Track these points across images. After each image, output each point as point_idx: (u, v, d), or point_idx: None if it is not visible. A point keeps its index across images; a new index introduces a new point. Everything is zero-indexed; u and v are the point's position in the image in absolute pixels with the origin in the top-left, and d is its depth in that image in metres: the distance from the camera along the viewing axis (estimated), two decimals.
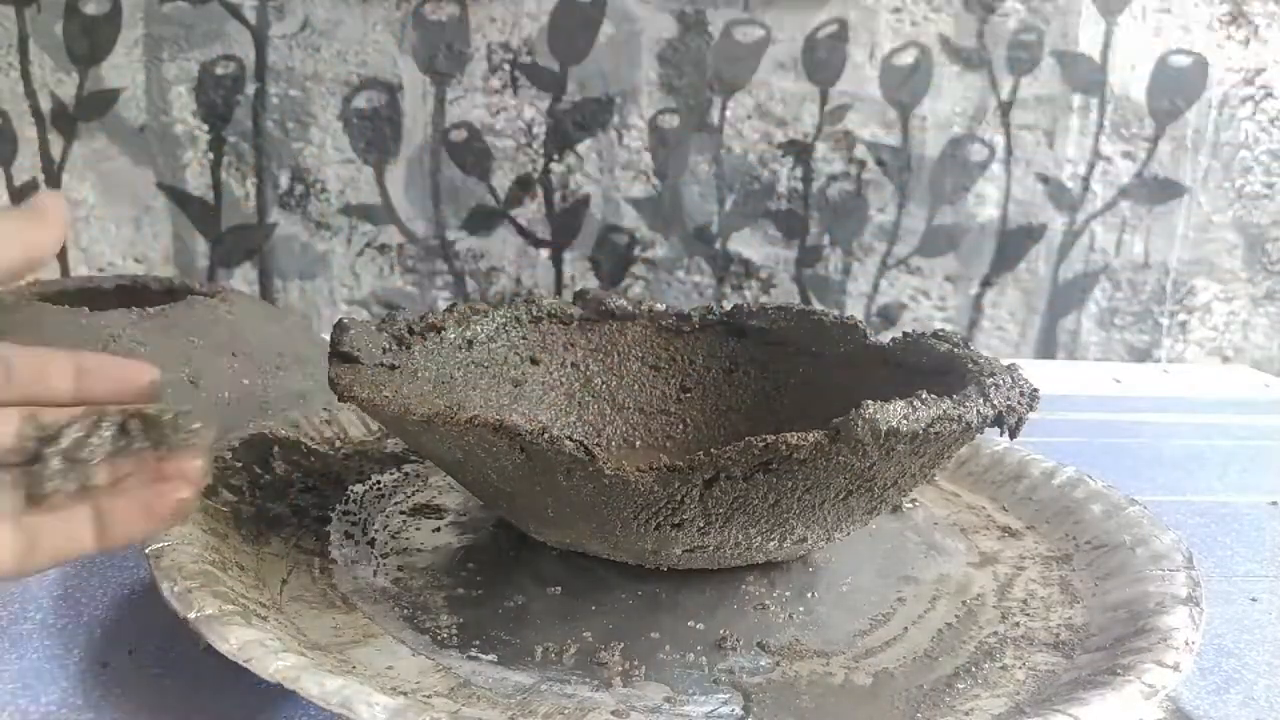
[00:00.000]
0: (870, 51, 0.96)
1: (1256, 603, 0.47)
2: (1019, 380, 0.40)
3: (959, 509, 0.53)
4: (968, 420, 0.36)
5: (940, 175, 0.99)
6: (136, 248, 0.97)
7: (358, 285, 0.99)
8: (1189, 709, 0.38)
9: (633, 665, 0.36)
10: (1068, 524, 0.49)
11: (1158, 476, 0.64)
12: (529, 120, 0.96)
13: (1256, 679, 0.40)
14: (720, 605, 0.40)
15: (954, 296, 1.02)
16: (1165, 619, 0.38)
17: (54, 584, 0.45)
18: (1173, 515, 0.56)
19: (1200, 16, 0.96)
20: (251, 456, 0.51)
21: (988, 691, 0.36)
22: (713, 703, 0.35)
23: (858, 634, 0.40)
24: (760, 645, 0.38)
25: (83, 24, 0.91)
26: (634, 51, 0.95)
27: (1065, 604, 0.42)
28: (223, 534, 0.44)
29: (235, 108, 0.94)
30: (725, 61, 0.95)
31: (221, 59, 0.93)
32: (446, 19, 0.93)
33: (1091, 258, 1.02)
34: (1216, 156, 0.99)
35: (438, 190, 0.97)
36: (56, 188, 0.94)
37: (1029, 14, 0.95)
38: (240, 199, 0.96)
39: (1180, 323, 1.04)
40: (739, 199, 0.98)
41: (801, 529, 0.38)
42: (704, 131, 0.97)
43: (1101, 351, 1.04)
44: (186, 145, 0.95)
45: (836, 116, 0.97)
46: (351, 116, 0.95)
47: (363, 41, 0.93)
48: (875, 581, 0.43)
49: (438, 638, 0.38)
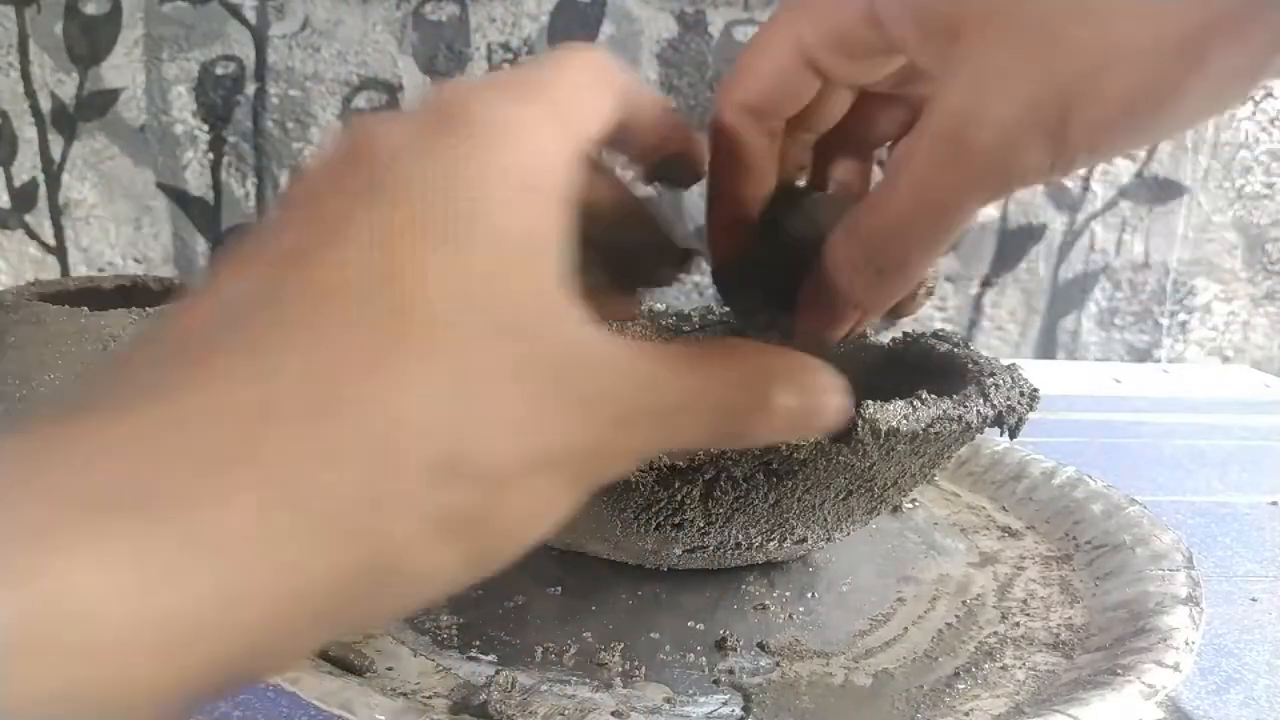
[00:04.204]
0: None
1: (1256, 603, 0.47)
2: (1019, 380, 0.40)
3: (959, 509, 0.53)
4: (968, 420, 0.36)
5: None
6: (136, 248, 0.97)
7: None
8: (1189, 709, 0.38)
9: (633, 665, 0.36)
10: (1068, 524, 0.49)
11: (1158, 476, 0.64)
12: None
13: (1256, 679, 0.40)
14: (720, 605, 0.40)
15: (954, 296, 1.02)
16: (1165, 619, 0.38)
17: None
18: (1173, 515, 0.56)
19: None
20: None
21: (988, 691, 0.36)
22: (713, 703, 0.35)
23: (858, 634, 0.40)
24: (760, 645, 0.38)
25: (83, 24, 0.91)
26: (634, 51, 0.95)
27: (1065, 604, 0.42)
28: None
29: (235, 108, 0.94)
30: (725, 61, 0.95)
31: (221, 59, 0.93)
32: (446, 19, 0.93)
33: (1091, 258, 1.02)
34: (1216, 156, 0.99)
35: None
36: (56, 188, 0.94)
37: None
38: (240, 199, 0.96)
39: (1180, 323, 1.04)
40: None
41: (801, 529, 0.38)
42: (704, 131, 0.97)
43: (1101, 351, 1.04)
44: (186, 145, 0.95)
45: None
46: (351, 117, 0.95)
47: (363, 41, 0.93)
48: (875, 581, 0.43)
49: (438, 638, 0.38)
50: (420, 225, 0.16)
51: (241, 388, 0.15)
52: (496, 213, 0.17)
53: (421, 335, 0.15)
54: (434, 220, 0.16)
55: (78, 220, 0.96)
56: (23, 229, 0.95)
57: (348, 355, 0.15)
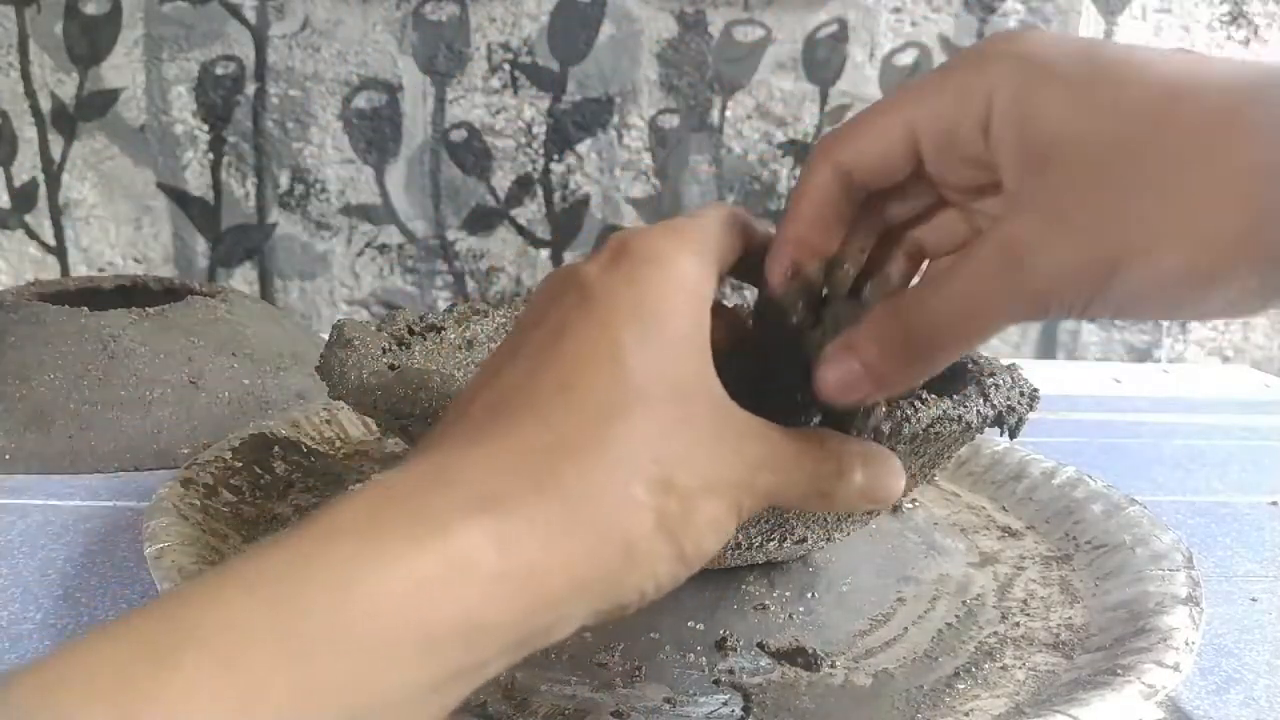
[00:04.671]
0: (870, 51, 0.96)
1: (1256, 603, 0.47)
2: (1019, 380, 0.40)
3: (959, 509, 0.53)
4: (968, 420, 0.36)
5: None
6: (136, 248, 0.97)
7: (358, 285, 0.99)
8: (1189, 709, 0.38)
9: (633, 665, 0.36)
10: (1068, 524, 0.49)
11: (1158, 476, 0.64)
12: (529, 120, 0.96)
13: (1256, 679, 0.40)
14: (720, 605, 0.40)
15: None
16: (1165, 619, 0.38)
17: (54, 584, 0.45)
18: (1173, 515, 0.56)
19: (1200, 16, 0.96)
20: (251, 456, 0.51)
21: (988, 691, 0.36)
22: (713, 703, 0.35)
23: (858, 634, 0.40)
24: (760, 645, 0.38)
25: (83, 24, 0.91)
26: (634, 51, 0.95)
27: (1065, 604, 0.42)
28: (223, 534, 0.44)
29: (235, 108, 0.94)
30: (725, 61, 0.95)
31: (221, 59, 0.93)
32: (446, 19, 0.93)
33: None
34: None
35: (438, 190, 0.97)
36: (56, 188, 0.94)
37: (1029, 14, 0.95)
38: (240, 199, 0.96)
39: (1180, 323, 1.04)
40: (739, 199, 0.98)
41: (801, 529, 0.38)
42: (704, 131, 0.97)
43: (1101, 351, 1.04)
44: (186, 145, 0.95)
45: (836, 116, 0.97)
46: (351, 116, 0.95)
47: (363, 41, 0.93)
48: (875, 581, 0.43)
49: None
50: (617, 326, 0.24)
51: (537, 435, 0.23)
52: (665, 316, 0.24)
53: (635, 399, 0.23)
54: (624, 322, 0.24)
55: (78, 220, 0.96)
56: (23, 229, 0.96)
57: (594, 413, 0.23)
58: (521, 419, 0.23)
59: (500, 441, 0.23)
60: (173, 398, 0.60)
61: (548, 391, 0.23)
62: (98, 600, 0.43)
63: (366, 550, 0.20)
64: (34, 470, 0.57)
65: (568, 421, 0.23)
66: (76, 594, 0.44)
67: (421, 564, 0.20)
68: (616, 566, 0.22)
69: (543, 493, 0.22)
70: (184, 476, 0.47)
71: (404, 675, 0.19)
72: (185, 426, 0.60)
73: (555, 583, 0.21)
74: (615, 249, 0.25)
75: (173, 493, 0.45)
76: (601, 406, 0.23)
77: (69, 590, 0.44)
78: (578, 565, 0.22)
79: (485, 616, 0.20)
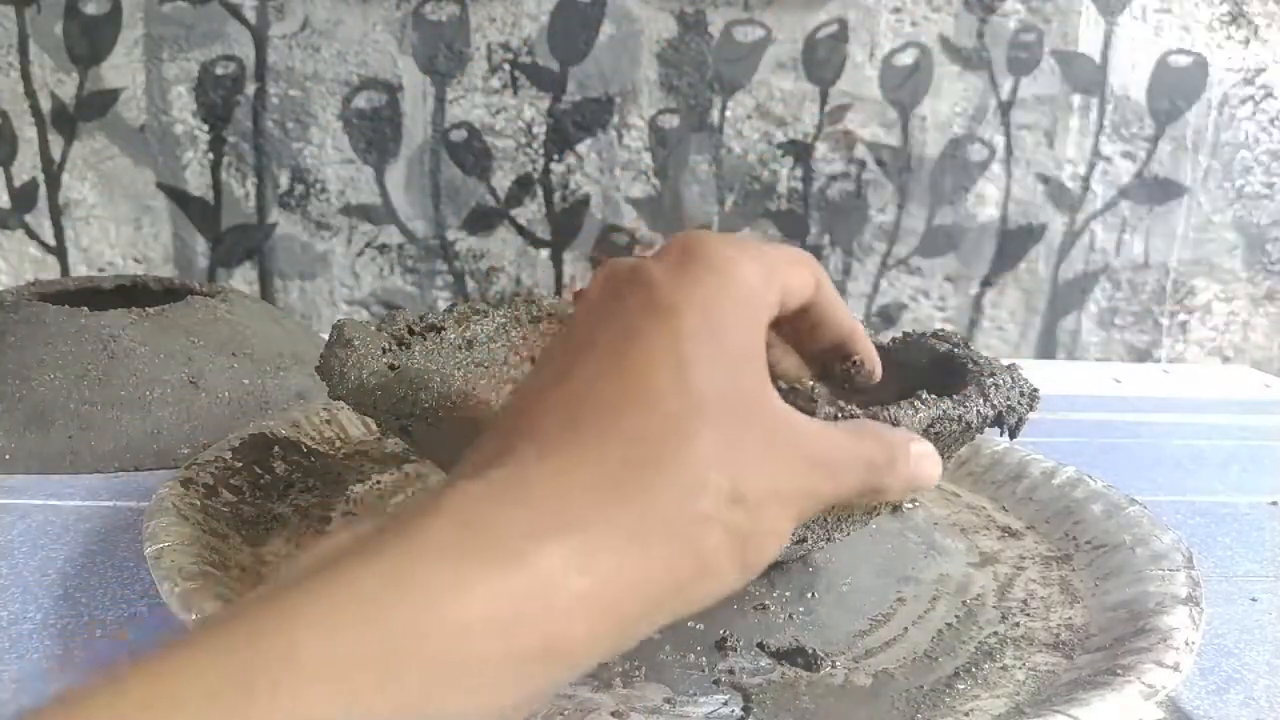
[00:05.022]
0: (870, 51, 0.96)
1: (1256, 603, 0.47)
2: (1019, 380, 0.40)
3: (959, 509, 0.53)
4: (968, 420, 0.36)
5: (940, 175, 0.99)
6: (136, 248, 0.97)
7: (358, 285, 0.99)
8: (1189, 709, 0.38)
9: (633, 665, 0.36)
10: (1068, 524, 0.49)
11: (1158, 476, 0.64)
12: (529, 120, 0.96)
13: (1256, 679, 0.40)
14: (720, 605, 0.39)
15: (954, 296, 1.02)
16: (1165, 619, 0.38)
17: (54, 584, 0.45)
18: (1173, 515, 0.56)
19: (1200, 16, 0.96)
20: (251, 456, 0.51)
21: (988, 692, 0.36)
22: (713, 703, 0.35)
23: (858, 634, 0.40)
24: (760, 645, 0.38)
25: (83, 24, 0.91)
26: (634, 51, 0.95)
27: (1065, 604, 0.42)
28: (223, 534, 0.44)
29: (235, 108, 0.94)
30: (725, 61, 0.95)
31: (221, 59, 0.93)
32: (446, 19, 0.93)
33: (1091, 258, 1.02)
34: (1216, 156, 0.99)
35: (438, 190, 0.97)
36: (56, 188, 0.94)
37: (1029, 14, 0.95)
38: (240, 199, 0.96)
39: (1180, 323, 1.04)
40: (739, 199, 0.98)
41: (801, 529, 0.38)
42: (704, 131, 0.97)
43: (1101, 351, 1.04)
44: (186, 145, 0.95)
45: (836, 116, 0.97)
46: (351, 116, 0.95)
47: (363, 41, 0.93)
48: (875, 581, 0.43)
49: None
50: (685, 337, 0.24)
51: (608, 450, 0.23)
52: (729, 329, 0.25)
53: (700, 414, 0.24)
54: (692, 333, 0.24)
55: (78, 220, 0.96)
56: (23, 229, 0.96)
57: (661, 428, 0.23)
58: (592, 432, 0.23)
59: (572, 455, 0.23)
60: (173, 398, 0.60)
61: (617, 402, 0.24)
62: (98, 600, 0.43)
63: (455, 573, 0.20)
64: (34, 470, 0.57)
65: (637, 437, 0.23)
66: (76, 594, 0.44)
67: (506, 587, 0.20)
68: (688, 581, 0.23)
69: (618, 511, 0.22)
70: (184, 476, 0.47)
71: (492, 697, 0.20)
72: (185, 426, 0.60)
73: (632, 601, 0.22)
74: (680, 251, 0.26)
75: (173, 493, 0.45)
76: (669, 421, 0.23)
77: (69, 590, 0.44)
78: (653, 583, 0.23)
79: (567, 637, 0.21)
